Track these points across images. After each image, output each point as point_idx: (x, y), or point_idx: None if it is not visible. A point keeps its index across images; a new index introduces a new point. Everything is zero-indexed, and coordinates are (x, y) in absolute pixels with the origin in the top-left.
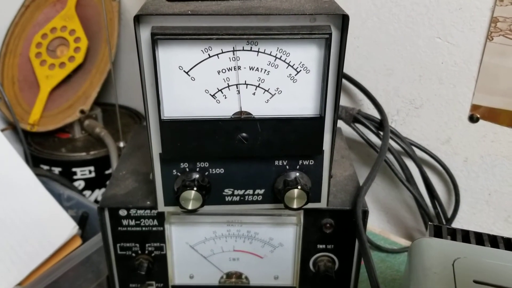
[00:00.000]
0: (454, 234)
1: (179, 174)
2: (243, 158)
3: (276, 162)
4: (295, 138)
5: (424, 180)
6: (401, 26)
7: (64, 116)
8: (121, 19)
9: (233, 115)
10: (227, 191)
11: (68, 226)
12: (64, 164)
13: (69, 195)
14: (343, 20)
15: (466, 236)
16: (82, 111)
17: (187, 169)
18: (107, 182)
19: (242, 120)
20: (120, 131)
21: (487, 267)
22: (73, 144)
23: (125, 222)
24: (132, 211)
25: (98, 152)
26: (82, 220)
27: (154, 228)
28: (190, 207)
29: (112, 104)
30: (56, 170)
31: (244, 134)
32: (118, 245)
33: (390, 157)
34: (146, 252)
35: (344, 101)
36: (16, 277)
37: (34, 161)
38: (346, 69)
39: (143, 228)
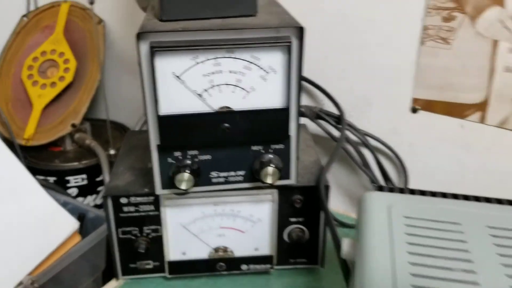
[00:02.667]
0: (392, 191)
1: (173, 161)
2: (226, 145)
3: (253, 147)
4: (267, 126)
5: (378, 164)
6: (353, 36)
7: (57, 130)
8: (106, 41)
9: (217, 109)
10: (214, 173)
11: (69, 222)
12: (58, 173)
13: (65, 200)
14: (300, 32)
15: (402, 191)
16: (73, 125)
17: (180, 157)
18: (99, 188)
19: (224, 113)
20: (110, 138)
21: (419, 207)
22: (65, 155)
23: (125, 208)
24: (132, 199)
25: (89, 161)
26: (79, 220)
27: (151, 213)
28: (183, 187)
29: (99, 119)
30: (51, 179)
31: (226, 124)
32: (120, 229)
33: (349, 147)
34: (145, 234)
35: (308, 101)
36: (25, 269)
37: (30, 172)
38: (309, 74)
39: (142, 213)
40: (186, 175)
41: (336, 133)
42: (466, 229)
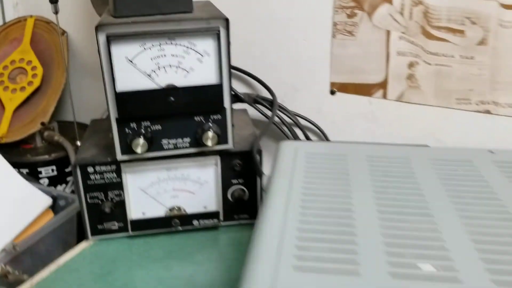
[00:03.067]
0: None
1: (130, 131)
2: (173, 116)
3: (195, 118)
4: (205, 100)
5: (307, 140)
6: (279, 33)
7: (28, 128)
8: (69, 50)
9: (163, 86)
10: (164, 141)
11: (42, 199)
12: (30, 165)
13: (38, 187)
14: (227, 22)
15: (308, 139)
16: (42, 123)
17: (135, 127)
18: (68, 178)
19: (170, 89)
20: (77, 134)
21: (319, 148)
22: (36, 151)
23: (92, 176)
24: (97, 168)
25: (58, 154)
26: (53, 201)
27: (114, 180)
28: (139, 151)
29: (65, 121)
30: (24, 171)
31: (171, 98)
32: (88, 194)
33: (284, 127)
34: (109, 199)
35: (247, 90)
36: (3, 241)
37: None
38: (247, 67)
39: (106, 180)
40: (141, 140)
41: (270, 114)
42: (351, 159)
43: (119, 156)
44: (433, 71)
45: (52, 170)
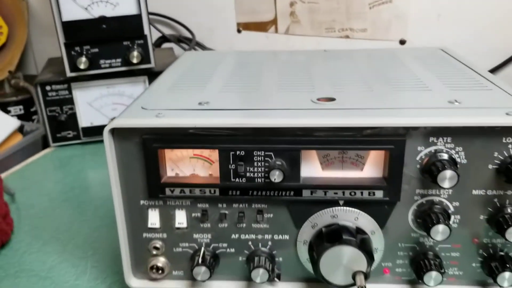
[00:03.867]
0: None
1: (75, 53)
2: (106, 41)
3: (124, 42)
4: (129, 27)
5: None
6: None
7: None
8: (29, 13)
9: (97, 16)
10: (101, 61)
11: (11, 122)
12: (1, 105)
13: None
14: None
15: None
16: (10, 72)
17: (79, 50)
18: (33, 117)
19: (102, 19)
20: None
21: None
22: (5, 95)
23: (50, 93)
24: (53, 86)
25: (24, 96)
26: (20, 128)
27: (66, 96)
28: (82, 67)
29: (28, 75)
30: None
31: (104, 26)
32: (47, 109)
33: None
34: (64, 111)
35: (172, 32)
36: None
37: None
38: (171, 13)
39: (60, 96)
40: (83, 59)
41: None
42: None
43: (68, 73)
44: (307, 8)
45: (20, 109)
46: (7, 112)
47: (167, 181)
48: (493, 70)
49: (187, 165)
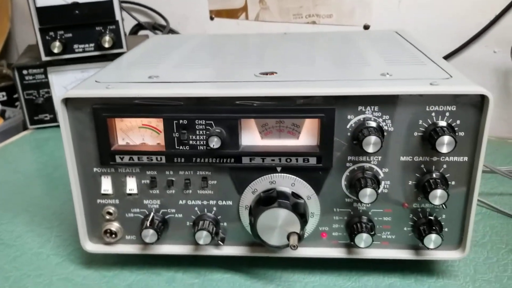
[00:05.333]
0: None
1: (49, 38)
2: (79, 27)
3: (97, 28)
4: (102, 13)
5: None
6: None
7: None
8: (12, 3)
9: (70, 3)
10: (75, 46)
11: None
12: None
13: None
14: None
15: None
16: None
17: (53, 35)
18: (16, 103)
19: (74, 4)
20: None
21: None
22: None
23: (27, 77)
24: (30, 70)
25: (7, 83)
26: (2, 113)
27: (43, 80)
28: (56, 51)
29: (11, 63)
30: None
31: (77, 11)
32: (25, 92)
33: None
34: (41, 95)
35: (148, 19)
36: None
37: None
38: (147, 2)
39: (37, 80)
40: (57, 43)
41: None
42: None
43: (43, 57)
44: None
45: (3, 96)
46: None
47: (117, 149)
48: (452, 54)
49: (136, 134)
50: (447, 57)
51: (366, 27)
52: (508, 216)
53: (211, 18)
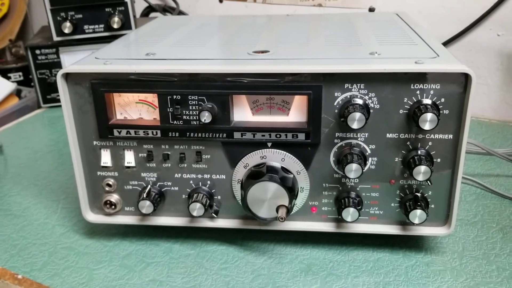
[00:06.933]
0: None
1: (60, 18)
2: (90, 7)
3: (106, 9)
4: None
5: None
6: None
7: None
8: None
9: None
10: (85, 26)
11: (7, 85)
12: (2, 71)
13: None
14: None
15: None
16: (10, 40)
17: (64, 15)
18: (32, 84)
19: None
20: None
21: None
22: (7, 62)
23: (39, 57)
24: (42, 50)
25: (24, 64)
26: (18, 92)
27: (55, 60)
28: (67, 31)
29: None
30: None
31: None
32: (38, 71)
33: None
34: (53, 75)
35: (158, 2)
36: None
37: None
38: None
39: (49, 60)
40: (68, 23)
41: None
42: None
43: (55, 38)
44: None
45: (20, 76)
46: (8, 78)
47: (115, 122)
48: (456, 37)
49: (133, 109)
50: (451, 40)
51: (371, 10)
52: (502, 197)
53: (220, 1)
